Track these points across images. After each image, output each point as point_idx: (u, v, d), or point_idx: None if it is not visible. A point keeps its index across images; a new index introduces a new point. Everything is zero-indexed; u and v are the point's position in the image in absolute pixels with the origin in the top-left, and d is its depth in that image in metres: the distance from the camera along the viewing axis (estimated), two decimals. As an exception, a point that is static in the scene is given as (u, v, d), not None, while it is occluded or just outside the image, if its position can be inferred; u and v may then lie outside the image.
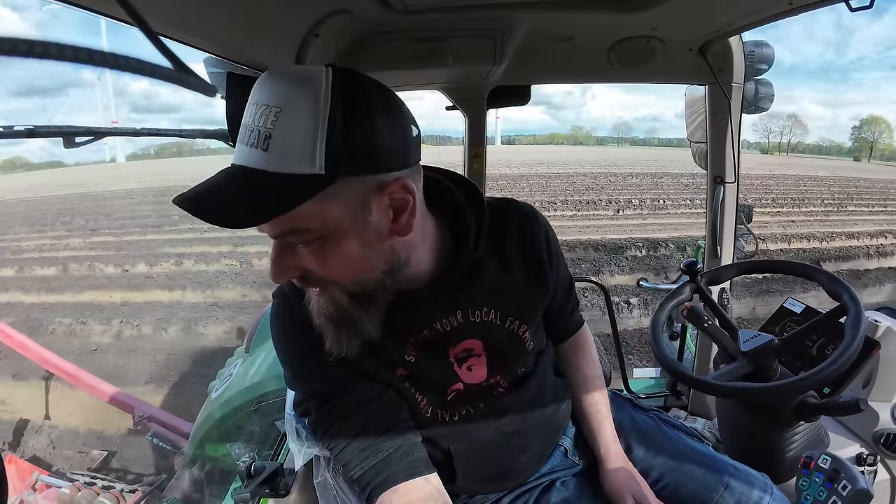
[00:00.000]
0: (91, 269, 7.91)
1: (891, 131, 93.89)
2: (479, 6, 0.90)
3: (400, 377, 0.68)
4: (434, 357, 0.69)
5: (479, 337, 0.70)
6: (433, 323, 0.67)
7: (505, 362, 0.73)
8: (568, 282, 0.83)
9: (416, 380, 0.69)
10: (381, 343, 0.64)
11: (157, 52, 0.25)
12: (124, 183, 24.29)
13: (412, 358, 0.68)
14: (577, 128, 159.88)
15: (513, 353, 0.74)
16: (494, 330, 0.71)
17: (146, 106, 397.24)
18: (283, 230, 0.53)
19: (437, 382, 0.70)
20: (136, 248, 9.28)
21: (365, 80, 0.52)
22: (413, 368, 0.68)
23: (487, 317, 0.70)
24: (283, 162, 0.48)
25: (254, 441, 1.91)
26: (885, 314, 1.18)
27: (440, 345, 0.69)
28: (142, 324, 5.41)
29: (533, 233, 0.73)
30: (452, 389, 0.71)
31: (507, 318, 0.71)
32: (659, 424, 0.90)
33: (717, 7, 0.96)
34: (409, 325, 0.67)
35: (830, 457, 0.68)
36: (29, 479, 2.43)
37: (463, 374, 0.71)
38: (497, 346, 0.71)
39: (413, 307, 0.65)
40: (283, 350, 0.69)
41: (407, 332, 0.67)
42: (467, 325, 0.69)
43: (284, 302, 0.67)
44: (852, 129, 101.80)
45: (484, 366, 0.72)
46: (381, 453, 0.64)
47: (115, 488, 2.33)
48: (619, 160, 37.30)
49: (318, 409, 0.66)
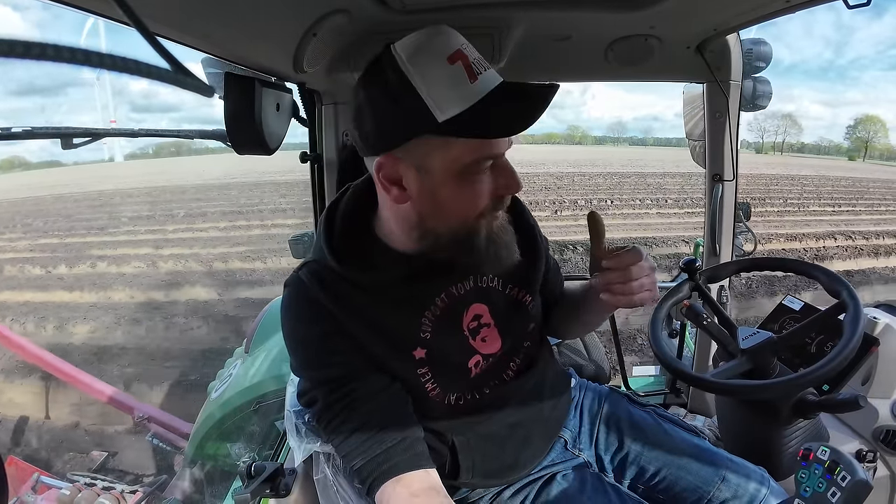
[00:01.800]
0: (21, 270, 8.04)
1: (886, 130, 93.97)
2: (477, 5, 0.90)
3: (418, 360, 0.69)
4: (449, 331, 0.71)
5: (484, 301, 0.74)
6: (450, 286, 0.71)
7: (512, 329, 0.76)
8: (556, 265, 0.90)
9: (434, 360, 0.70)
10: (397, 323, 0.67)
11: (155, 53, 0.25)
12: (100, 184, 24.43)
13: (428, 335, 0.69)
14: (574, 127, 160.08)
15: (518, 319, 0.77)
16: (498, 295, 0.75)
17: (145, 105, 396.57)
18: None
19: (455, 360, 0.72)
20: (71, 250, 9.36)
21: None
22: (431, 346, 0.69)
23: (492, 283, 0.75)
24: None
25: (254, 441, 1.91)
26: (884, 311, 1.19)
27: (454, 314, 0.71)
28: (14, 322, 5.49)
29: (520, 208, 0.80)
30: (472, 364, 0.73)
31: (508, 285, 0.77)
32: (657, 421, 0.90)
33: (714, 5, 0.96)
34: (427, 293, 0.70)
35: (829, 448, 0.68)
36: (29, 479, 2.42)
37: (479, 346, 0.73)
38: (502, 312, 0.75)
39: (430, 275, 0.69)
40: (293, 338, 0.69)
41: (423, 306, 0.69)
42: (476, 290, 0.73)
43: (299, 288, 0.68)
44: (847, 128, 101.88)
45: (497, 335, 0.75)
46: (384, 444, 0.64)
47: (116, 489, 2.33)
48: (598, 160, 37.17)
49: (325, 397, 0.66)
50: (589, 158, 39.41)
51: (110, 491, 2.30)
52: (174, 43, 0.67)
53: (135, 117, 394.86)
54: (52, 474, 2.61)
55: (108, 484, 2.36)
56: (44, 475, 2.49)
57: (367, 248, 0.69)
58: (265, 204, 14.27)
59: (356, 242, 0.69)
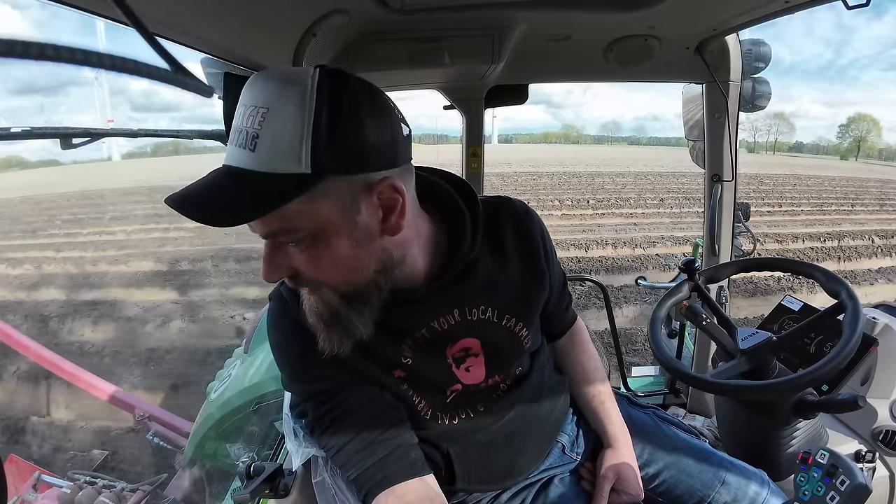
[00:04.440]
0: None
1: (879, 129, 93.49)
2: (477, 6, 0.90)
3: (398, 378, 0.68)
4: (431, 358, 0.69)
5: (476, 335, 0.70)
6: (431, 322, 0.67)
7: (503, 362, 0.73)
8: (562, 278, 0.84)
9: (414, 382, 0.69)
10: (378, 344, 0.65)
11: (155, 53, 0.25)
12: (69, 186, 24.51)
13: (409, 360, 0.67)
14: (569, 126, 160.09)
15: (510, 352, 0.73)
16: (492, 328, 0.70)
17: (145, 105, 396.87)
18: (273, 229, 0.53)
19: (436, 384, 0.70)
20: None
21: (351, 80, 0.52)
22: (410, 370, 0.68)
23: (485, 315, 0.70)
24: (270, 162, 0.49)
25: (253, 442, 1.90)
26: (883, 311, 1.19)
27: (437, 345, 0.68)
28: None
29: (529, 230, 0.73)
30: (451, 391, 0.71)
31: (504, 315, 0.71)
32: (656, 422, 0.90)
33: (714, 5, 0.96)
34: (407, 325, 0.67)
35: (828, 452, 0.68)
36: (30, 478, 2.42)
37: (461, 375, 0.71)
38: (494, 345, 0.71)
39: (410, 307, 0.66)
40: (279, 352, 0.68)
41: (404, 333, 0.67)
42: (465, 324, 0.69)
43: (280, 304, 0.67)
44: (839, 127, 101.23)
45: (482, 366, 0.71)
46: (378, 454, 0.63)
47: (116, 487, 2.33)
48: (582, 159, 36.93)
49: (314, 410, 0.66)
50: (574, 158, 39.12)
51: (111, 490, 2.30)
52: (173, 43, 0.67)
53: (135, 116, 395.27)
54: (53, 473, 2.61)
55: (108, 483, 2.35)
56: (44, 474, 2.49)
57: None
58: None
59: None
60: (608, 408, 0.84)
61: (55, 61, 0.20)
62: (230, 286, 6.59)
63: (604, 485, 0.77)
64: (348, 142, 0.51)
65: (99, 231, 11.38)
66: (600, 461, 0.80)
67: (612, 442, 0.81)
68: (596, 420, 0.84)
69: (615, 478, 0.78)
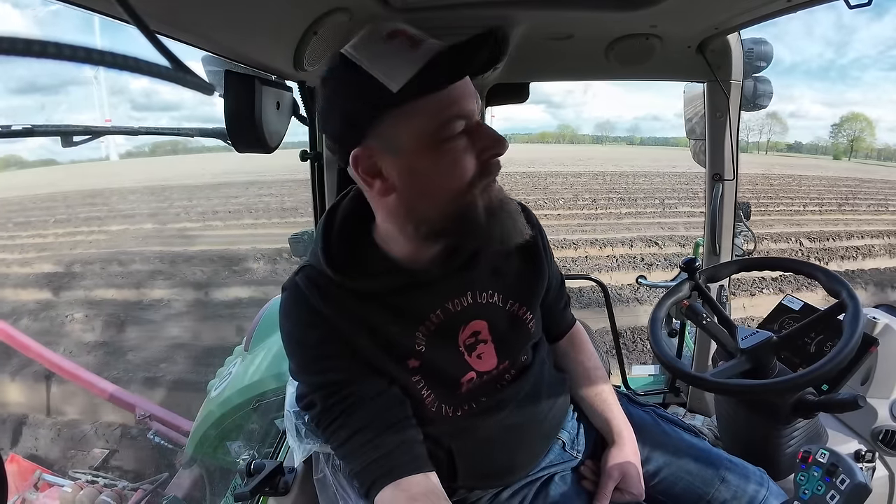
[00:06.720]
0: None
1: (872, 129, 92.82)
2: (478, 4, 0.90)
3: (412, 369, 0.69)
4: (444, 346, 0.70)
5: (484, 317, 0.73)
6: (445, 303, 0.70)
7: (511, 348, 0.75)
8: (560, 278, 0.87)
9: (428, 372, 0.69)
10: (393, 331, 0.67)
11: (156, 51, 0.25)
12: (46, 188, 25.02)
13: (423, 347, 0.69)
14: (564, 126, 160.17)
15: (516, 337, 0.76)
16: (498, 312, 0.74)
17: (145, 104, 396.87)
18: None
19: (449, 374, 0.71)
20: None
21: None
22: (425, 359, 0.69)
23: (492, 298, 0.73)
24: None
25: (253, 439, 1.91)
26: (884, 311, 1.19)
27: (450, 329, 0.70)
28: None
29: (524, 216, 0.77)
30: (465, 380, 0.72)
31: (509, 300, 0.75)
32: (656, 420, 0.90)
33: (715, 5, 0.96)
34: (422, 307, 0.69)
35: (828, 451, 0.68)
36: (31, 477, 2.43)
37: (474, 363, 0.72)
38: (501, 329, 0.74)
39: (426, 288, 0.68)
40: (290, 342, 0.69)
41: (418, 319, 0.69)
42: (475, 306, 0.71)
43: (296, 293, 0.68)
44: (832, 126, 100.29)
45: (493, 352, 0.73)
46: (384, 447, 0.64)
47: (117, 486, 2.34)
48: (567, 159, 36.99)
49: (323, 401, 0.66)
50: (567, 157, 39.13)
51: (112, 488, 2.31)
52: (174, 41, 0.67)
53: (135, 115, 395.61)
54: (54, 472, 2.62)
55: (109, 481, 2.36)
56: (46, 473, 2.50)
57: (364, 255, 0.68)
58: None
59: (353, 248, 0.68)
60: (611, 406, 0.85)
61: (56, 59, 0.20)
62: (93, 288, 6.81)
63: (608, 483, 0.77)
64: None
65: (34, 234, 11.73)
66: (604, 459, 0.81)
67: (617, 439, 0.81)
68: (599, 418, 0.85)
69: (620, 477, 0.78)
